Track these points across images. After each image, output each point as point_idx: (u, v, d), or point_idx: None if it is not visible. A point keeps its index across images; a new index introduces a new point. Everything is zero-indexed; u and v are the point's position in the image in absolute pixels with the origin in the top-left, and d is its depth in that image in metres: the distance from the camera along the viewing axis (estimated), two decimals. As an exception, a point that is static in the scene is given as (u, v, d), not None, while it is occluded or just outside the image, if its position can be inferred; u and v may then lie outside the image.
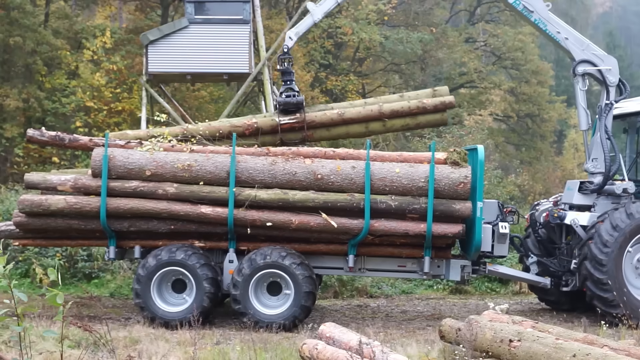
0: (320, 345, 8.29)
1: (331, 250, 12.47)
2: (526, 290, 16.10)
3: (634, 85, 47.44)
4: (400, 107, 13.60)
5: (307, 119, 13.34)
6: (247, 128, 13.18)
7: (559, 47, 13.80)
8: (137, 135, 13.15)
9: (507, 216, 13.10)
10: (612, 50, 44.94)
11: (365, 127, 13.72)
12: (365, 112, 13.51)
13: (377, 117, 13.50)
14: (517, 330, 8.78)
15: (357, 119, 13.54)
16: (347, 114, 13.51)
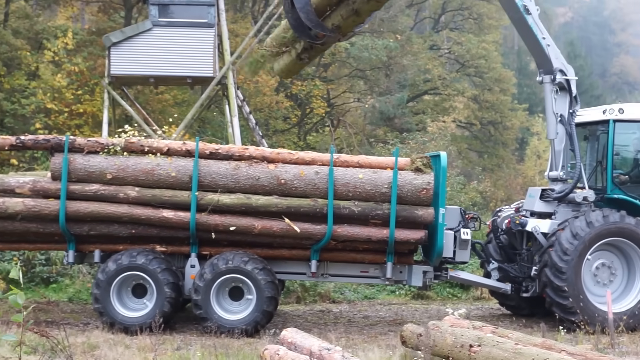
0: (281, 351, 8.27)
1: (294, 256, 12.44)
2: (487, 296, 16.23)
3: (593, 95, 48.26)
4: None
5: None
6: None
7: (537, 54, 13.58)
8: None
9: (469, 222, 13.18)
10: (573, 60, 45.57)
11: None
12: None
13: None
14: (478, 335, 8.84)
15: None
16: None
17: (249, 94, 27.51)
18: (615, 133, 13.48)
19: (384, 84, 31.90)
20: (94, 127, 24.85)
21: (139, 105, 24.53)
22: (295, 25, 10.33)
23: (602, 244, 12.78)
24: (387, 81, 31.79)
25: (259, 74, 25.88)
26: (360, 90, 33.42)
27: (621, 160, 14.24)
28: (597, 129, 14.18)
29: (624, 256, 13.02)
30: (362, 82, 33.17)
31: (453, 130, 36.05)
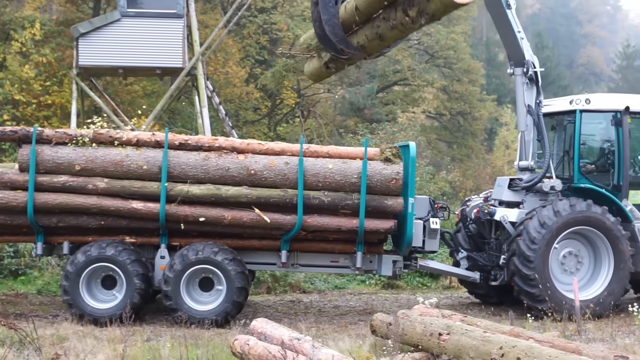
0: (251, 341, 8.28)
1: (264, 246, 12.45)
2: (456, 285, 16.38)
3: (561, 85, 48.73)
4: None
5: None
6: None
7: (512, 46, 13.56)
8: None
9: (438, 212, 13.28)
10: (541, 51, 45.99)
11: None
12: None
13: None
14: (447, 323, 8.91)
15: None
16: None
17: (219, 85, 27.41)
18: (582, 123, 13.65)
19: (353, 75, 31.92)
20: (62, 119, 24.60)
21: (108, 96, 24.30)
22: (321, 35, 9.82)
23: (569, 233, 12.95)
24: (357, 72, 31.80)
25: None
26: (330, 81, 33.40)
27: (588, 150, 14.45)
28: (564, 119, 14.36)
29: (590, 245, 13.20)
30: (332, 74, 33.18)
31: (422, 121, 36.22)
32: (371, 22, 9.37)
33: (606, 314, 12.67)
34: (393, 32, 9.27)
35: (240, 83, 29.07)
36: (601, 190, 13.45)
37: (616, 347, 9.68)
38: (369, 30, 9.57)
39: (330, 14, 9.28)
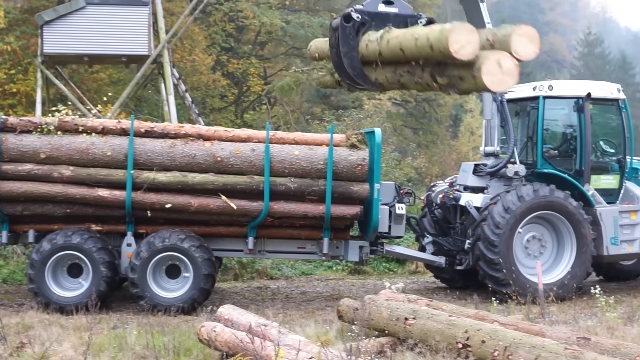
0: (218, 328, 8.29)
1: (231, 233, 12.47)
2: (422, 270, 16.54)
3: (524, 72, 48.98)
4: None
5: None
6: None
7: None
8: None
9: (404, 197, 13.38)
10: (506, 38, 46.13)
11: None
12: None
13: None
14: (412, 308, 9.01)
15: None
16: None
17: (185, 72, 27.22)
18: (545, 109, 13.83)
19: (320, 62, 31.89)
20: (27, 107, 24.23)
21: (74, 84, 23.99)
22: (337, 62, 9.35)
23: (533, 217, 13.13)
24: (323, 59, 31.79)
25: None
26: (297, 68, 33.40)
27: (551, 136, 14.63)
28: (528, 105, 14.52)
29: (553, 229, 13.40)
30: (298, 60, 33.10)
31: (388, 108, 36.32)
32: (394, 67, 8.70)
33: (569, 297, 12.92)
34: (416, 86, 8.67)
35: (207, 70, 28.88)
36: (564, 175, 13.65)
37: (579, 328, 9.86)
38: (391, 74, 8.92)
39: (350, 46, 8.74)
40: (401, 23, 8.65)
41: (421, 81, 8.15)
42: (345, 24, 8.47)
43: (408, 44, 7.62)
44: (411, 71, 8.16)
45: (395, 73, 8.56)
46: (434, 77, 7.63)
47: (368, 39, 8.54)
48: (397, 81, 8.66)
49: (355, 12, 8.44)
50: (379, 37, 8.15)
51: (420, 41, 7.31)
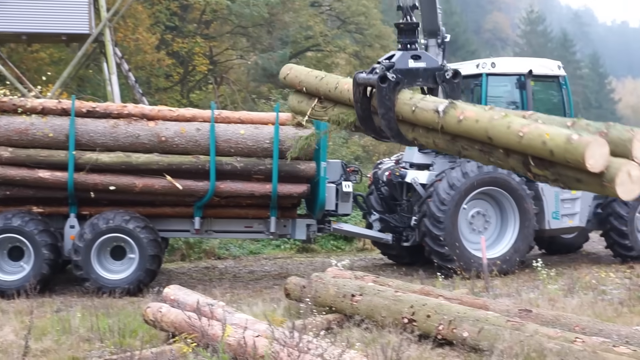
0: (164, 308, 8.23)
1: (177, 213, 12.36)
2: (370, 247, 16.64)
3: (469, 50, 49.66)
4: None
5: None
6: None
7: (431, 19, 13.51)
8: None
9: (351, 175, 13.43)
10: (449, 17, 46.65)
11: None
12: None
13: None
14: (359, 285, 9.07)
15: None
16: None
17: (129, 52, 26.76)
18: (488, 86, 13.96)
19: (266, 41, 31.73)
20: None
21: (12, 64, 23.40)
22: (363, 117, 9.06)
23: (477, 194, 13.29)
24: (269, 38, 31.63)
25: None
26: (243, 47, 33.15)
27: (494, 113, 14.77)
28: (471, 82, 14.63)
29: (497, 204, 13.59)
30: (244, 39, 32.90)
31: (336, 87, 36.29)
32: (453, 138, 7.76)
33: (512, 271, 13.15)
34: (487, 162, 7.75)
35: (151, 50, 28.44)
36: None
37: (521, 301, 10.03)
38: (444, 142, 7.93)
39: (387, 107, 8.34)
40: (430, 77, 8.50)
41: (501, 163, 7.41)
42: (381, 85, 8.11)
43: (502, 136, 6.82)
44: (487, 151, 7.38)
45: (453, 143, 7.75)
46: (528, 167, 6.92)
47: (416, 105, 7.89)
48: (455, 151, 7.83)
49: (390, 73, 8.06)
50: (440, 110, 7.42)
51: (528, 141, 6.55)
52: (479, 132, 7.07)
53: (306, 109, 9.75)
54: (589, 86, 78.00)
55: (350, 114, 9.24)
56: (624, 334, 7.19)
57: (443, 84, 8.44)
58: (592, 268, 13.55)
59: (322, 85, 9.37)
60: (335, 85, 9.14)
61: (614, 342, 6.86)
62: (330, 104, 9.42)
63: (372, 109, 8.58)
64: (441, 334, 7.80)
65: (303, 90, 9.73)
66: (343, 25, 35.57)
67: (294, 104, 10.11)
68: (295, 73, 9.92)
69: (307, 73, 9.82)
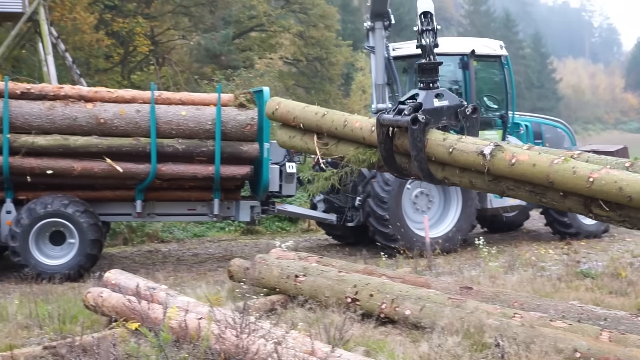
0: (105, 293, 8.12)
1: (118, 196, 12.18)
2: (315, 228, 16.66)
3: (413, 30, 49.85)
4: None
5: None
6: None
7: (380, 2, 13.71)
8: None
9: (294, 156, 13.39)
10: (394, -4, 46.62)
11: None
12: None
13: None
14: (303, 265, 9.07)
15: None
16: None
17: (66, 31, 26.14)
18: (431, 66, 14.00)
19: (208, 21, 31.32)
20: None
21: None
22: (387, 157, 8.68)
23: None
24: (211, 18, 31.23)
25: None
26: (185, 27, 32.68)
27: (437, 92, 14.85)
28: (415, 62, 14.63)
29: (440, 184, 13.69)
30: (186, 19, 32.42)
31: (280, 67, 36.16)
32: (494, 178, 7.63)
33: (455, 249, 13.32)
34: (539, 202, 7.48)
35: (90, 30, 27.83)
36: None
37: (463, 279, 10.18)
38: (482, 182, 7.77)
39: (418, 148, 8.25)
40: (452, 115, 8.43)
41: (556, 204, 7.26)
42: (412, 126, 8.01)
43: (568, 181, 6.70)
44: (539, 192, 7.29)
45: (496, 184, 7.64)
46: (589, 208, 6.88)
47: (453, 146, 7.69)
48: (498, 191, 7.79)
49: (420, 114, 7.96)
50: (487, 153, 7.27)
51: (600, 187, 6.49)
52: (536, 176, 7.01)
53: (300, 144, 9.67)
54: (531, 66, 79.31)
55: (370, 154, 9.10)
56: (560, 308, 7.33)
57: (464, 120, 8.58)
58: (532, 245, 13.81)
59: (325, 122, 9.24)
60: (344, 123, 9.03)
61: (551, 316, 7.01)
62: (333, 141, 9.30)
63: (394, 148, 8.56)
64: (384, 313, 7.86)
65: (299, 126, 9.50)
66: (287, 4, 35.36)
67: (284, 139, 9.98)
68: (286, 108, 9.71)
69: (302, 109, 9.62)
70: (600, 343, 6.33)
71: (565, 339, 6.41)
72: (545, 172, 6.83)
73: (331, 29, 36.25)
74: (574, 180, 6.59)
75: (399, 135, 8.40)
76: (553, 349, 6.28)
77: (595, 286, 9.62)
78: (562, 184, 6.75)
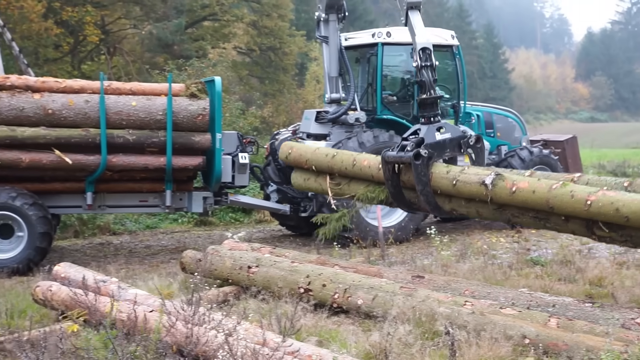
0: (54, 287, 8.00)
1: (68, 189, 11.98)
2: (269, 218, 16.60)
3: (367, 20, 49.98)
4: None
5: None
6: None
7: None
8: None
9: (247, 147, 13.34)
10: (348, -14, 46.58)
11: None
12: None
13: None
14: (256, 256, 9.07)
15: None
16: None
17: (13, 20, 25.59)
18: (384, 55, 14.08)
19: (160, 10, 30.93)
20: None
21: None
22: (395, 193, 8.92)
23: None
24: (163, 7, 30.84)
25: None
26: (137, 16, 32.22)
27: (390, 82, 14.93)
28: (367, 52, 14.72)
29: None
30: (137, 8, 31.96)
31: (234, 57, 35.91)
32: (498, 207, 7.81)
33: (408, 239, 13.39)
34: (543, 227, 7.76)
35: (38, 18, 27.26)
36: (402, 120, 14.00)
37: (415, 268, 10.26)
38: (488, 211, 7.95)
39: (423, 183, 8.37)
40: (455, 146, 8.76)
41: (559, 228, 7.48)
42: (416, 162, 8.33)
43: (567, 205, 6.89)
44: (543, 217, 7.43)
45: (501, 212, 7.82)
46: (591, 230, 7.03)
47: (457, 178, 8.04)
48: (504, 219, 8.01)
49: (423, 149, 8.33)
50: (488, 183, 7.59)
51: (597, 209, 6.68)
52: (537, 202, 7.19)
53: (315, 186, 10.22)
54: (484, 56, 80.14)
55: (379, 191, 9.33)
56: (510, 296, 7.44)
57: (468, 150, 8.71)
58: (484, 234, 13.97)
59: (335, 163, 9.65)
60: (353, 162, 9.43)
61: (501, 304, 7.10)
62: (344, 180, 9.69)
63: (401, 184, 8.83)
64: (337, 303, 7.90)
65: (312, 169, 9.99)
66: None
67: (299, 182, 10.55)
68: (298, 152, 10.25)
69: (313, 151, 10.10)
70: (548, 329, 6.44)
71: (515, 325, 6.51)
72: (545, 198, 7.07)
73: (285, 18, 36.09)
74: (573, 204, 6.83)
75: (404, 171, 8.74)
76: (503, 336, 6.37)
77: (545, 273, 9.79)
78: (562, 208, 6.97)
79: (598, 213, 6.68)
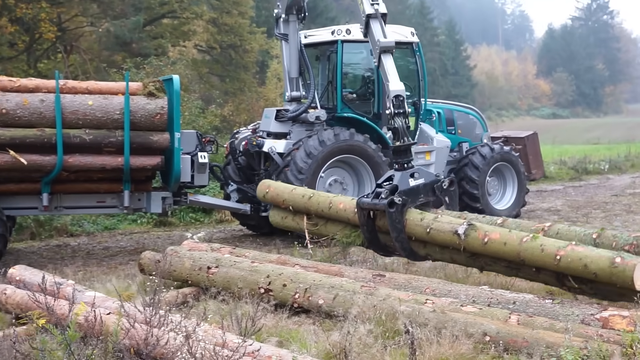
0: (9, 290, 7.86)
1: (23, 190, 11.74)
2: (229, 218, 16.47)
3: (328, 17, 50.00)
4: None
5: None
6: None
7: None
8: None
9: (206, 146, 13.20)
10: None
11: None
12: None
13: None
14: (215, 257, 9.00)
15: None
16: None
17: (-33, 18, 25.12)
18: (344, 53, 14.06)
19: (118, 7, 30.56)
20: None
21: None
22: (370, 238, 9.08)
23: (334, 161, 13.37)
24: (121, 4, 30.48)
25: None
26: (94, 13, 31.79)
27: (350, 80, 14.93)
28: (327, 49, 14.69)
29: (354, 171, 13.75)
30: (95, 5, 31.52)
31: (194, 55, 35.65)
32: (472, 255, 8.03)
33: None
34: (515, 276, 7.99)
35: (-11, 16, 26.80)
36: (362, 118, 14.00)
37: (377, 266, 10.23)
38: (463, 258, 8.19)
39: (398, 230, 8.52)
40: (429, 191, 8.91)
41: (531, 278, 7.66)
42: (390, 210, 8.44)
43: (537, 258, 7.09)
44: (515, 267, 7.61)
45: (474, 260, 8.04)
46: (562, 282, 7.23)
47: (430, 226, 8.21)
48: (477, 266, 8.23)
49: (397, 197, 8.44)
50: (461, 233, 7.77)
51: (567, 264, 6.82)
52: (508, 254, 7.36)
53: (293, 225, 10.52)
54: (446, 53, 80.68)
55: (355, 236, 9.54)
56: (471, 293, 7.45)
57: (441, 194, 8.84)
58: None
59: (312, 204, 9.90)
60: (329, 205, 9.69)
61: (462, 302, 7.11)
62: (322, 221, 9.95)
63: (377, 229, 8.99)
64: (297, 302, 7.86)
65: (289, 208, 10.23)
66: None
67: (277, 220, 10.80)
68: (275, 191, 10.48)
69: (290, 191, 10.34)
70: (509, 326, 6.46)
71: (476, 323, 6.52)
72: (516, 250, 7.28)
73: (245, 15, 35.92)
74: (543, 257, 7.02)
75: (380, 217, 8.89)
76: (463, 334, 6.37)
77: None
78: (533, 261, 7.18)
79: (567, 268, 6.91)
